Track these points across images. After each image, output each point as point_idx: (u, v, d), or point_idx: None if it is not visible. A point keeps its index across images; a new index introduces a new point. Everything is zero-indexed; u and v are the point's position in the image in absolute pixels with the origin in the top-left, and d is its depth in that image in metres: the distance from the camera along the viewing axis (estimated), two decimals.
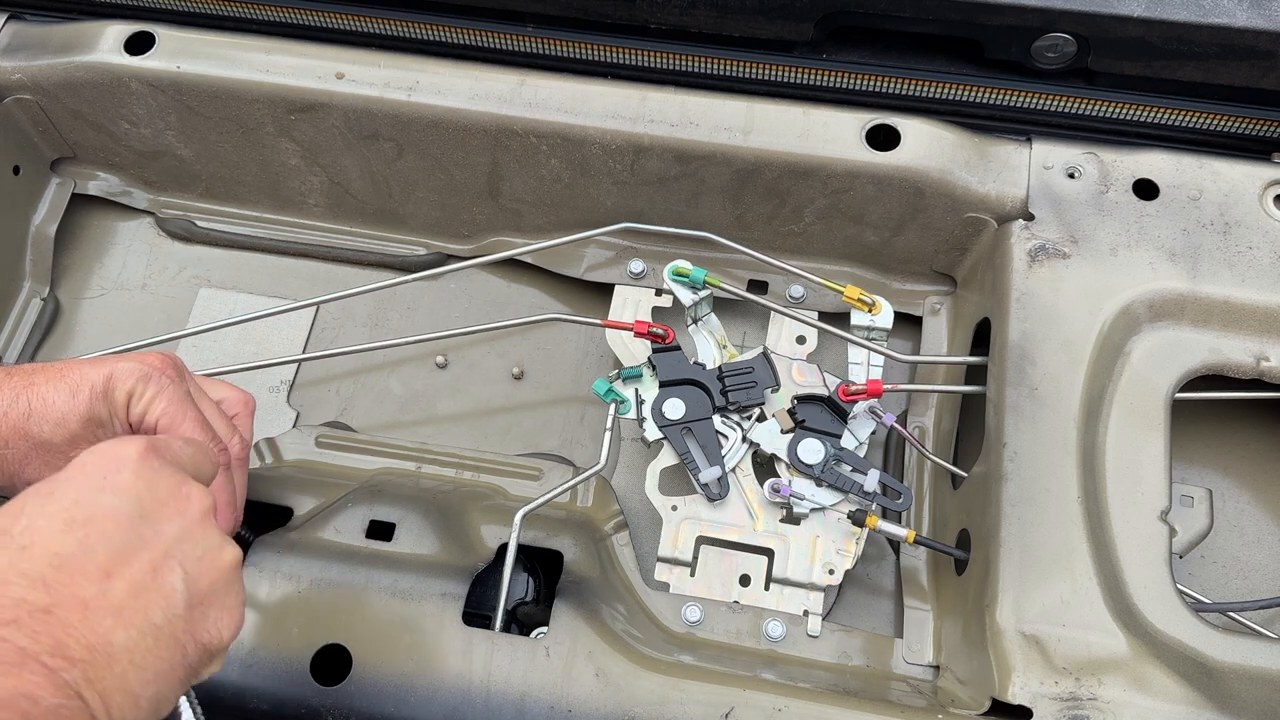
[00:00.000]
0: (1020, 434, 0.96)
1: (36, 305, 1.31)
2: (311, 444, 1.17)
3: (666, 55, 1.18)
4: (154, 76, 1.21)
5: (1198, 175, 1.07)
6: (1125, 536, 0.92)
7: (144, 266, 1.37)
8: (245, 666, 0.90)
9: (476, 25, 1.20)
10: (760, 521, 1.06)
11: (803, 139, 1.12)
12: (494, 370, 1.28)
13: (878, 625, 1.09)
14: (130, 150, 1.32)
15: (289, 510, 1.06)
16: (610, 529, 1.09)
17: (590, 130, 1.15)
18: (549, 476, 1.14)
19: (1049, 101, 1.12)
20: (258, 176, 1.33)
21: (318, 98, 1.19)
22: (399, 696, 0.88)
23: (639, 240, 1.26)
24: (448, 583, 0.94)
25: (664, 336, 1.10)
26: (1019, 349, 1.00)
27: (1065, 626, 0.88)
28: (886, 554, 1.13)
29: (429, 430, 1.25)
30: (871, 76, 1.15)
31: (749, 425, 1.08)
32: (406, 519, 1.01)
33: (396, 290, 1.33)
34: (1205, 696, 0.85)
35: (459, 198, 1.28)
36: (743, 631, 1.02)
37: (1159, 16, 1.04)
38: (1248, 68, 1.06)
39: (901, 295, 1.23)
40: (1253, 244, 1.03)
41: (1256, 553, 1.12)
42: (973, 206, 1.11)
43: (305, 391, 1.27)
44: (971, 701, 0.91)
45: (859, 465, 1.04)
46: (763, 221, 1.21)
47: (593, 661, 0.90)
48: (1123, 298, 1.01)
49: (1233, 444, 1.17)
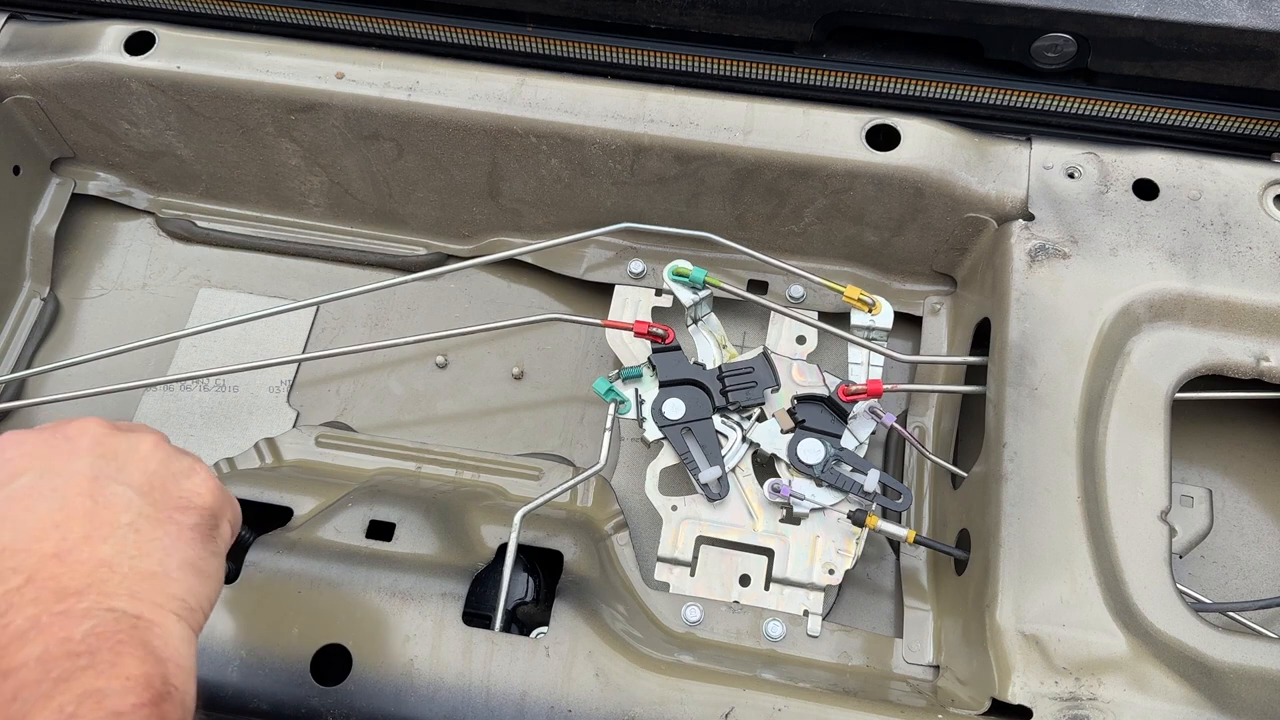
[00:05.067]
0: (1020, 434, 0.96)
1: (36, 305, 1.31)
2: (311, 444, 1.17)
3: (666, 55, 1.18)
4: (154, 76, 1.21)
5: (1198, 175, 1.07)
6: (1125, 536, 0.92)
7: (144, 266, 1.37)
8: (245, 666, 0.90)
9: (476, 25, 1.20)
10: (760, 521, 1.06)
11: (803, 139, 1.12)
12: (494, 370, 1.28)
13: (878, 625, 1.09)
14: (130, 150, 1.32)
15: (289, 510, 1.06)
16: (610, 529, 1.09)
17: (590, 130, 1.15)
18: (549, 476, 1.14)
19: (1049, 101, 1.12)
20: (258, 176, 1.33)
21: (318, 98, 1.19)
22: (399, 696, 0.88)
23: (639, 240, 1.26)
24: (448, 583, 0.94)
25: (664, 336, 1.10)
26: (1019, 349, 1.00)
27: (1065, 626, 0.88)
28: (886, 554, 1.13)
29: (429, 430, 1.25)
30: (871, 76, 1.15)
31: (749, 425, 1.08)
32: (406, 519, 1.01)
33: (396, 290, 1.33)
34: (1205, 696, 0.85)
35: (459, 198, 1.28)
36: (743, 631, 1.02)
37: (1159, 16, 1.04)
38: (1248, 68, 1.06)
39: (901, 295, 1.23)
40: (1253, 244, 1.03)
41: (1256, 553, 1.12)
42: (973, 206, 1.11)
43: (305, 391, 1.27)
44: (971, 701, 0.91)
45: (859, 465, 1.04)
46: (763, 221, 1.21)
47: (593, 661, 0.90)
48: (1123, 298, 1.01)
49: (1233, 444, 1.17)
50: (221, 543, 0.66)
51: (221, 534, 0.66)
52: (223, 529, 0.67)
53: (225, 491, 0.68)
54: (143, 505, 0.62)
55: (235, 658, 0.90)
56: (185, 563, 0.61)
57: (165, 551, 0.60)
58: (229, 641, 0.91)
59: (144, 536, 0.60)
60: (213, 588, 0.63)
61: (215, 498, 0.66)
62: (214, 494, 0.66)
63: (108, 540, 0.59)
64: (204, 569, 0.62)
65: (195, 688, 0.58)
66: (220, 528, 0.66)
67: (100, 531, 0.59)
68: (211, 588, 0.63)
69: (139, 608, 0.57)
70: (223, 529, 0.67)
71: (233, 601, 0.93)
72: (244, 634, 0.91)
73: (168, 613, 0.58)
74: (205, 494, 0.66)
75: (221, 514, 0.67)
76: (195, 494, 0.65)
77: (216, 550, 0.65)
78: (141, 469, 0.64)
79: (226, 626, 0.92)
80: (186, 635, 0.59)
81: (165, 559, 0.60)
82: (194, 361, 1.28)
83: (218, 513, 0.66)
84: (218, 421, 1.25)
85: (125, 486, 0.62)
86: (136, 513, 0.61)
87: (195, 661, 0.59)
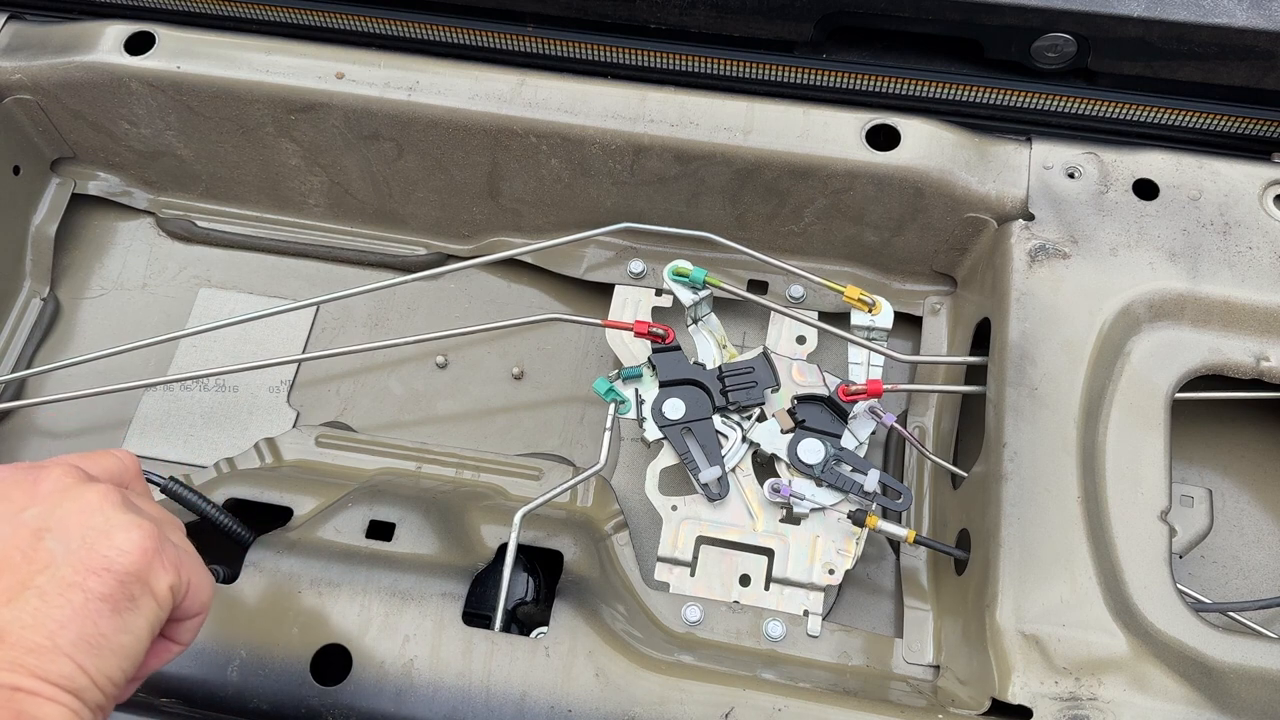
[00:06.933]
0: (1020, 434, 0.96)
1: (36, 305, 1.31)
2: (311, 444, 1.17)
3: (666, 55, 1.18)
4: (154, 76, 1.21)
5: (1198, 175, 1.07)
6: (1125, 536, 0.92)
7: (144, 266, 1.37)
8: (245, 666, 0.90)
9: (476, 25, 1.20)
10: (760, 521, 1.06)
11: (803, 139, 1.12)
12: (494, 370, 1.28)
13: (878, 625, 1.09)
14: (130, 150, 1.32)
15: (289, 510, 1.06)
16: (610, 529, 1.09)
17: (590, 130, 1.15)
18: (549, 476, 1.14)
19: (1049, 101, 1.12)
20: (258, 176, 1.33)
21: (318, 98, 1.19)
22: (399, 696, 0.88)
23: (639, 240, 1.26)
24: (448, 583, 0.94)
25: (664, 336, 1.10)
26: (1019, 349, 1.00)
27: (1065, 626, 0.88)
28: (886, 554, 1.13)
29: (429, 430, 1.25)
30: (871, 76, 1.15)
31: (749, 425, 1.08)
32: (406, 519, 1.01)
33: (396, 290, 1.33)
34: (1205, 696, 0.85)
35: (459, 198, 1.28)
36: (743, 631, 1.02)
37: (1159, 16, 1.04)
38: (1248, 68, 1.06)
39: (901, 295, 1.23)
40: (1253, 244, 1.03)
41: (1256, 553, 1.12)
42: (973, 206, 1.11)
43: (305, 391, 1.27)
44: (971, 701, 0.91)
45: (859, 465, 1.04)
46: (763, 221, 1.21)
47: (593, 661, 0.90)
48: (1123, 298, 1.01)
49: (1233, 444, 1.17)
50: (147, 607, 0.60)
51: (151, 597, 0.61)
52: (156, 591, 0.61)
53: (167, 555, 0.62)
54: (61, 566, 0.58)
55: (235, 658, 0.90)
56: (80, 638, 0.56)
57: (59, 624, 0.56)
58: (229, 641, 0.91)
59: (47, 603, 0.57)
60: (115, 663, 0.58)
61: (140, 560, 0.60)
62: (141, 555, 0.60)
63: (12, 604, 0.56)
64: (104, 645, 0.57)
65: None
66: (149, 592, 0.61)
67: (9, 593, 0.57)
68: (113, 663, 0.58)
69: (18, 680, 0.54)
70: (156, 591, 0.61)
71: (233, 601, 0.93)
72: (244, 634, 0.91)
73: (51, 686, 0.55)
74: (134, 554, 0.60)
75: (151, 577, 0.61)
76: (118, 554, 0.59)
77: (129, 624, 0.59)
78: (79, 522, 0.60)
79: (226, 626, 0.92)
80: (73, 706, 0.55)
81: (58, 632, 0.56)
82: (194, 361, 1.28)
83: (145, 576, 0.60)
84: (218, 421, 1.25)
85: (55, 542, 0.59)
86: (51, 575, 0.58)
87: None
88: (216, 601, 0.92)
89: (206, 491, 1.05)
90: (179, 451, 1.23)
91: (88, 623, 0.58)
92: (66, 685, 0.56)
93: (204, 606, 0.67)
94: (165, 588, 0.62)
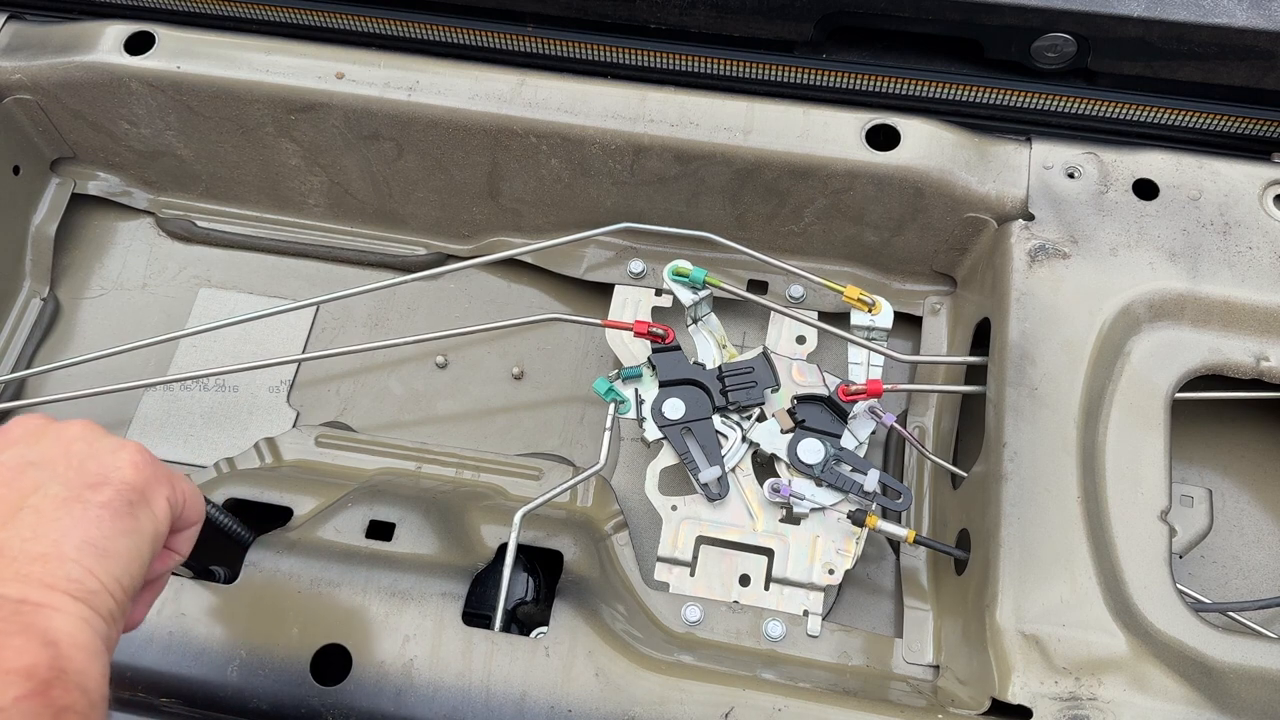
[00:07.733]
0: (1020, 434, 0.96)
1: (36, 305, 1.31)
2: (311, 444, 1.17)
3: (666, 55, 1.18)
4: (154, 76, 1.21)
5: (1198, 175, 1.07)
6: (1125, 536, 0.92)
7: (144, 266, 1.37)
8: (245, 666, 0.90)
9: (476, 25, 1.20)
10: (760, 521, 1.06)
11: (803, 139, 1.12)
12: (494, 370, 1.28)
13: (878, 625, 1.09)
14: (130, 150, 1.32)
15: (289, 510, 1.06)
16: (610, 529, 1.09)
17: (590, 130, 1.15)
18: (549, 476, 1.14)
19: (1049, 101, 1.12)
20: (258, 176, 1.33)
21: (318, 98, 1.19)
22: (399, 696, 0.88)
23: (639, 240, 1.26)
24: (447, 583, 0.94)
25: (664, 336, 1.10)
26: (1019, 349, 1.00)
27: (1065, 626, 0.88)
28: (886, 554, 1.13)
29: (429, 430, 1.25)
30: (871, 76, 1.15)
31: (749, 425, 1.08)
32: (406, 519, 1.01)
33: (396, 290, 1.33)
34: (1205, 696, 0.85)
35: (459, 198, 1.28)
36: (742, 631, 1.02)
37: (1159, 16, 1.04)
38: (1248, 68, 1.06)
39: (901, 295, 1.23)
40: (1253, 244, 1.03)
41: (1256, 553, 1.12)
42: (973, 206, 1.11)
43: (305, 391, 1.27)
44: (971, 701, 0.91)
45: (859, 465, 1.04)
46: (763, 221, 1.21)
47: (593, 661, 0.90)
48: (1123, 298, 1.01)
49: (1233, 444, 1.17)
50: (147, 519, 0.63)
51: (150, 510, 0.63)
52: (154, 505, 0.64)
53: (159, 469, 0.65)
54: (51, 486, 0.60)
55: (235, 658, 0.90)
56: (84, 542, 0.58)
57: (62, 532, 0.58)
58: (229, 641, 0.91)
59: (43, 518, 0.58)
60: (123, 565, 0.60)
61: (138, 473, 0.63)
62: (137, 469, 0.63)
63: (7, 525, 0.58)
64: (109, 547, 0.59)
65: (103, 666, 0.56)
66: (148, 504, 0.63)
67: (2, 518, 0.58)
68: (120, 566, 0.59)
69: (24, 591, 0.55)
70: (154, 505, 0.64)
71: (233, 601, 0.93)
72: (244, 634, 0.91)
73: (59, 594, 0.56)
74: (126, 469, 0.63)
75: (148, 490, 0.64)
76: (114, 469, 0.63)
77: (132, 528, 0.61)
78: (63, 450, 0.63)
79: (226, 626, 0.92)
80: (83, 614, 0.56)
81: (61, 539, 0.58)
82: (194, 361, 1.28)
83: (142, 488, 0.63)
84: (218, 421, 1.25)
85: (41, 469, 0.61)
86: (43, 494, 0.60)
87: (101, 640, 0.56)
88: (217, 601, 0.93)
89: (206, 491, 1.05)
90: (179, 451, 1.23)
91: (90, 528, 0.59)
92: (76, 591, 0.56)
93: (200, 515, 0.70)
94: (163, 500, 0.64)
